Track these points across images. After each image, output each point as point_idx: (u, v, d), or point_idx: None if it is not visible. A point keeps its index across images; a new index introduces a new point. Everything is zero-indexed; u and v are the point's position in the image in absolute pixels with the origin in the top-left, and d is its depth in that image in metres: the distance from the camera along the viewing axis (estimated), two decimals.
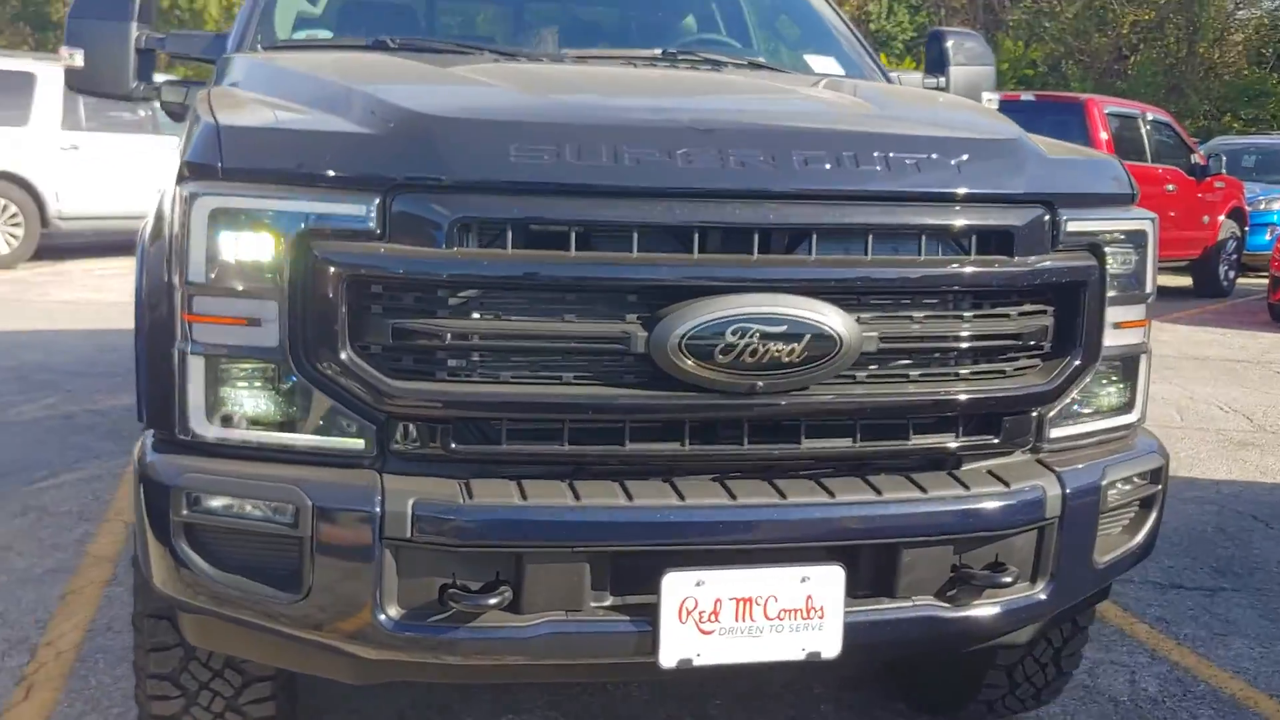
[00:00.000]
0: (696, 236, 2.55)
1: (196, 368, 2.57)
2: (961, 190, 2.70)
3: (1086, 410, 2.96)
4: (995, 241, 2.73)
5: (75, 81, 4.09)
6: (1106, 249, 2.88)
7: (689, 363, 2.48)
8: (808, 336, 2.52)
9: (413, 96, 2.86)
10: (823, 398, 2.62)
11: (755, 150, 2.60)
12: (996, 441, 2.78)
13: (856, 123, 3.02)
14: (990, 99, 4.63)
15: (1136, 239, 2.96)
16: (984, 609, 2.74)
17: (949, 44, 4.58)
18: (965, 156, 2.73)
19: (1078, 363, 2.84)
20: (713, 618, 2.54)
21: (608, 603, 2.57)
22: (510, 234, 2.49)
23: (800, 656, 2.60)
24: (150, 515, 2.58)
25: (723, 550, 2.57)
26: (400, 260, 2.46)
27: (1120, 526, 3.01)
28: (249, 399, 2.58)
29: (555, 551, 2.51)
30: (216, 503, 2.53)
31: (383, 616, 2.49)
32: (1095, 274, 2.83)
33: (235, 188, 2.53)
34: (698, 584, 2.53)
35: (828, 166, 2.61)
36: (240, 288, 2.52)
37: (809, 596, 2.58)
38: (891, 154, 2.67)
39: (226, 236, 2.52)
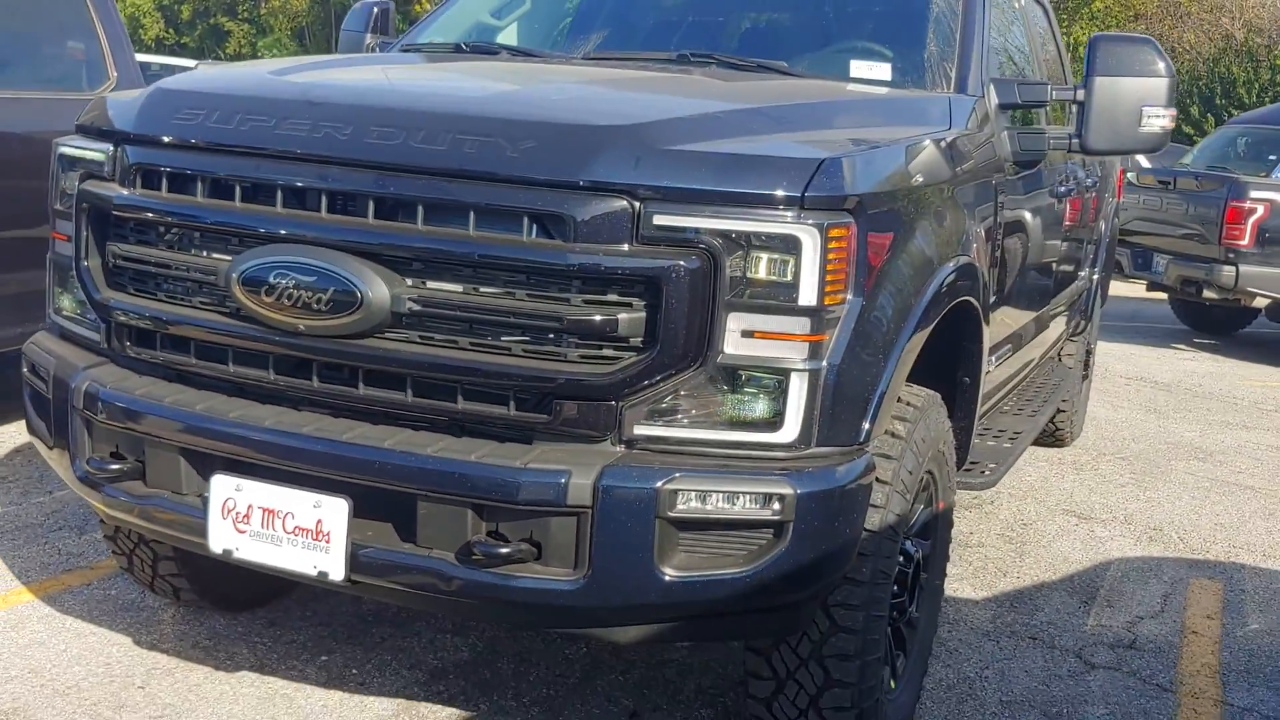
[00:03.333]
0: (280, 192, 2.97)
1: (49, 269, 3.54)
2: (506, 173, 2.77)
3: (696, 416, 2.82)
4: (547, 226, 2.77)
5: None
6: (731, 251, 2.74)
7: (246, 298, 2.93)
8: (331, 289, 2.84)
9: (197, 72, 3.56)
10: (369, 349, 2.88)
11: (340, 123, 2.94)
12: (546, 420, 2.81)
13: (482, 107, 3.11)
14: (1158, 114, 4.04)
15: (784, 246, 2.75)
16: (498, 578, 2.79)
17: (1099, 51, 4.06)
18: (531, 143, 2.79)
19: (651, 360, 2.75)
20: (245, 520, 2.96)
21: (195, 491, 3.10)
22: (164, 179, 3.12)
23: (313, 573, 2.91)
24: None
25: (256, 465, 2.96)
26: (97, 194, 3.20)
27: (729, 548, 2.81)
28: (64, 295, 3.49)
29: (153, 438, 3.10)
30: (31, 367, 3.48)
31: (75, 465, 3.27)
32: (686, 272, 2.71)
33: (73, 138, 3.45)
34: (237, 489, 2.97)
35: (395, 141, 2.87)
36: (63, 211, 3.44)
37: (319, 520, 2.89)
38: (459, 134, 2.84)
39: (62, 174, 3.45)
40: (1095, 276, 6.95)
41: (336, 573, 2.88)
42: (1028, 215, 4.56)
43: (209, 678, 3.76)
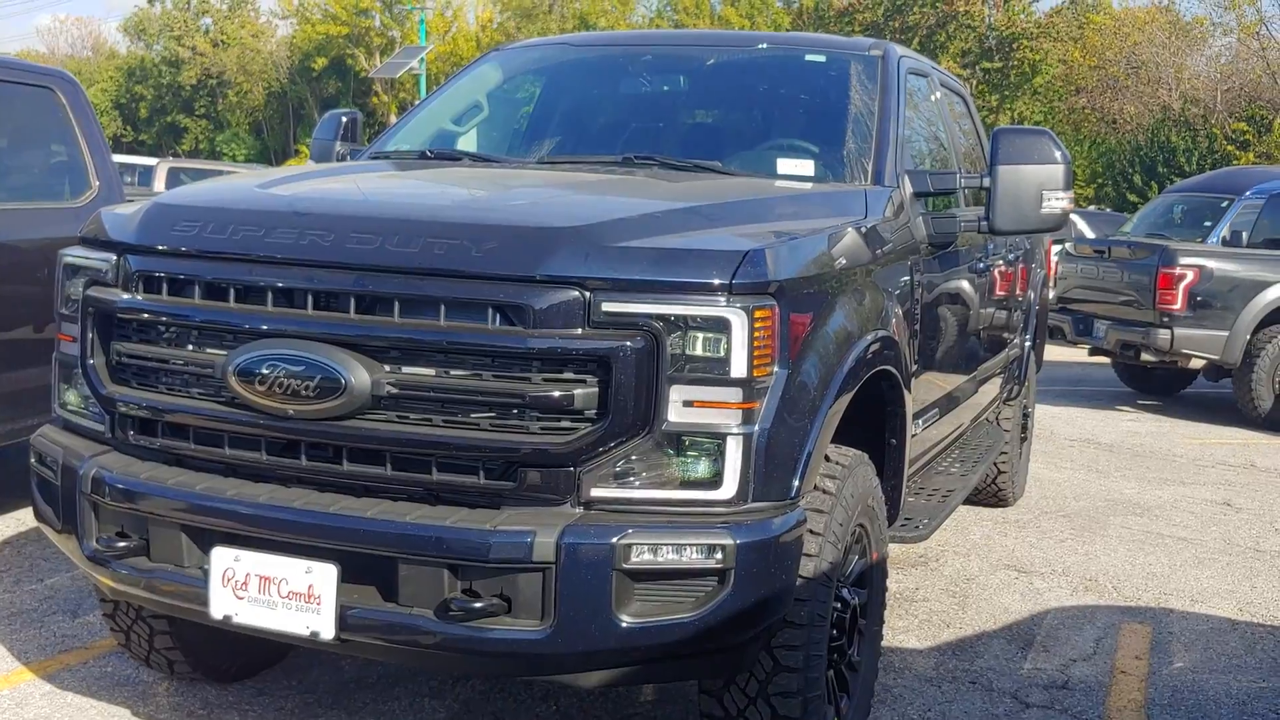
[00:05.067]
0: (270, 293, 3.34)
1: (56, 368, 3.88)
2: (472, 270, 3.16)
3: (646, 478, 3.17)
4: (509, 315, 3.14)
5: None
6: (671, 332, 3.12)
7: (240, 387, 3.28)
8: (318, 377, 3.20)
9: (191, 188, 3.94)
10: (352, 430, 3.23)
11: (323, 230, 3.32)
12: (513, 486, 3.16)
13: (449, 212, 3.52)
14: (1058, 196, 4.48)
15: (716, 326, 3.13)
16: (473, 631, 3.13)
17: (1001, 142, 4.52)
18: (493, 244, 3.18)
19: (605, 430, 3.11)
20: (244, 587, 3.29)
21: (197, 563, 3.42)
22: (164, 285, 3.49)
23: (305, 633, 3.23)
24: None
25: (252, 537, 3.30)
26: (101, 299, 3.56)
27: (679, 596, 3.15)
28: (69, 391, 3.83)
29: (157, 517, 3.43)
30: (39, 457, 3.80)
31: (84, 545, 3.58)
32: (632, 352, 3.08)
33: (76, 249, 3.81)
34: (235, 559, 3.30)
35: (373, 245, 3.25)
36: (68, 314, 3.79)
37: (310, 585, 3.22)
38: (430, 237, 3.22)
39: (66, 281, 3.81)
40: (1027, 344, 7.40)
41: (327, 632, 3.21)
42: (946, 290, 4.99)
43: None
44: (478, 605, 3.10)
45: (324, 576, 3.21)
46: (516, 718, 4.32)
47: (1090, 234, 19.26)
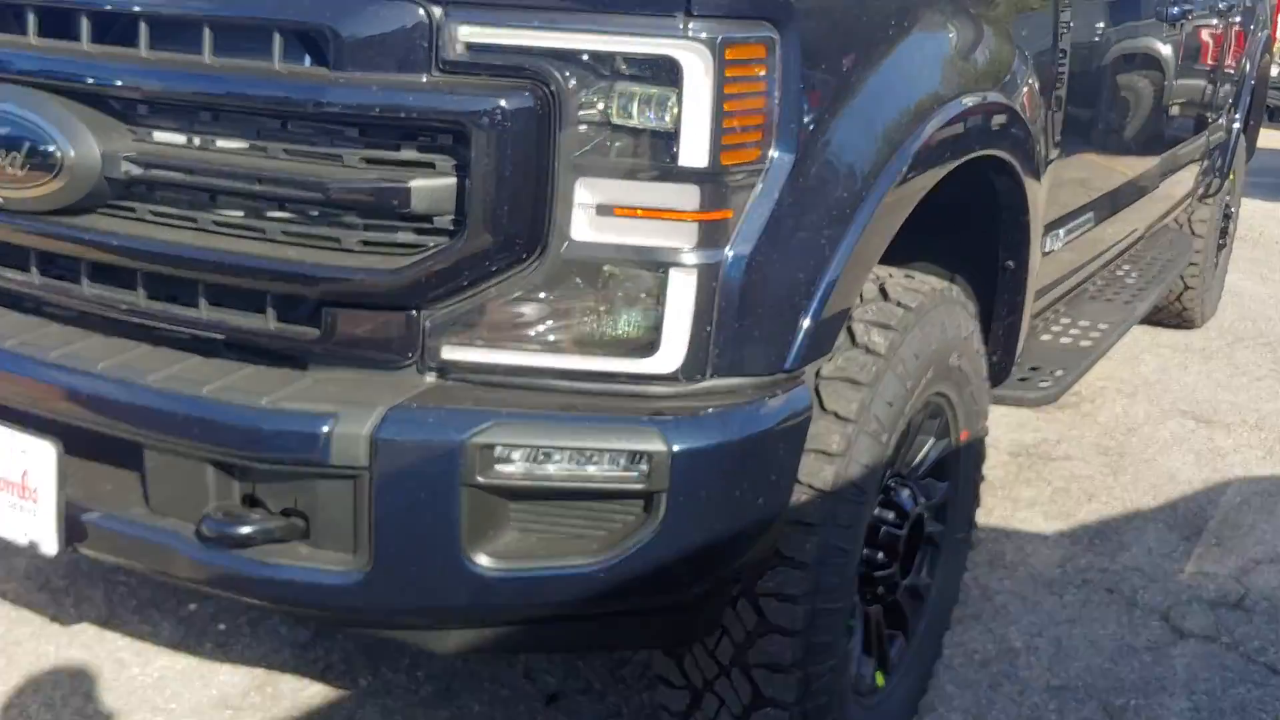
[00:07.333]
0: None
1: None
2: None
3: (535, 334, 1.90)
4: (304, 47, 1.85)
5: None
6: (581, 85, 1.79)
7: None
8: (26, 145, 1.98)
9: None
10: (80, 230, 2.04)
11: None
12: (318, 336, 1.93)
13: None
14: None
15: (658, 75, 1.79)
16: (247, 565, 1.95)
17: None
18: None
19: (464, 249, 1.83)
20: None
21: None
22: None
23: (24, 542, 2.11)
24: None
25: None
26: None
27: (576, 527, 1.91)
28: None
29: None
30: None
31: None
32: (509, 116, 1.77)
33: None
34: None
35: None
36: None
37: (25, 471, 2.07)
38: None
39: None
40: (1235, 126, 5.68)
41: (49, 543, 2.08)
42: (1118, 37, 3.42)
43: (37, 634, 3.04)
44: (245, 530, 1.91)
45: (41, 460, 2.05)
46: None
47: None
